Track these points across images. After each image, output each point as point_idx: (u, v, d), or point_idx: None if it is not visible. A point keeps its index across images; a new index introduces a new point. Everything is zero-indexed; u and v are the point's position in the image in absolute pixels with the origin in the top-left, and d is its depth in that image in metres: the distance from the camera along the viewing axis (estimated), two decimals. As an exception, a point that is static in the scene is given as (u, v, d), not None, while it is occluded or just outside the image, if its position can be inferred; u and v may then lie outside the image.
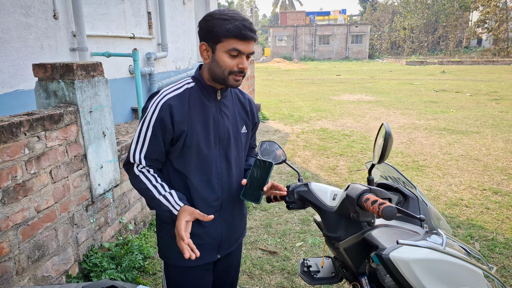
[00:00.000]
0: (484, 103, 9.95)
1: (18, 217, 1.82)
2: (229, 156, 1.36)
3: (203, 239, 1.36)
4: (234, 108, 1.40)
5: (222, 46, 1.20)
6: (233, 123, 1.37)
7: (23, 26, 2.97)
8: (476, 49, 39.11)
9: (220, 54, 1.21)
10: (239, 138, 1.40)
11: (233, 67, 1.21)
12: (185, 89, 1.29)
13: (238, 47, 1.18)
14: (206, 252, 1.37)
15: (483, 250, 2.89)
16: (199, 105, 1.29)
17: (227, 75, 1.23)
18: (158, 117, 1.24)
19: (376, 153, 1.17)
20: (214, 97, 1.32)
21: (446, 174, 4.60)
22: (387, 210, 0.94)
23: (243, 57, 1.22)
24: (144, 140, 1.27)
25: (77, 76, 2.21)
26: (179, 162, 1.31)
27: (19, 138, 1.81)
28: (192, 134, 1.27)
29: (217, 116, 1.32)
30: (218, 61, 1.22)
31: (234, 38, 1.17)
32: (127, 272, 2.42)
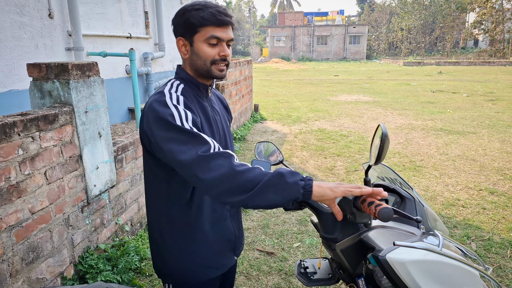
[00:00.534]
0: (481, 103, 9.99)
1: (12, 218, 1.80)
2: None
3: (221, 243, 1.29)
4: (219, 105, 1.38)
5: (199, 36, 1.14)
6: (225, 120, 1.35)
7: (18, 25, 2.95)
8: (473, 50, 39.30)
9: (199, 45, 1.15)
10: (230, 135, 1.38)
11: (214, 56, 1.15)
12: (182, 89, 1.20)
13: (216, 34, 1.13)
14: (226, 257, 1.31)
15: (480, 250, 2.89)
16: (198, 105, 1.21)
17: (209, 65, 1.17)
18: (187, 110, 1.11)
19: (373, 154, 1.16)
20: (206, 95, 1.28)
21: (443, 174, 4.60)
22: (384, 211, 0.93)
23: (223, 44, 1.16)
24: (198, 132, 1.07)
25: (72, 76, 2.19)
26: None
27: (12, 138, 1.79)
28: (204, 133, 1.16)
29: (213, 115, 1.27)
30: (198, 52, 1.16)
31: (210, 25, 1.12)
32: (123, 274, 2.40)
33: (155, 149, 1.12)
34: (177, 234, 1.24)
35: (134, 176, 3.01)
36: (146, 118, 1.12)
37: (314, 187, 1.01)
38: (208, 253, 1.27)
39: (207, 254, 1.27)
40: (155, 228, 1.28)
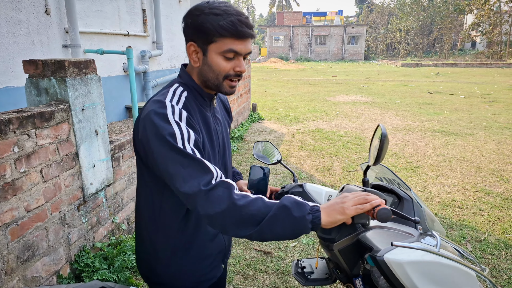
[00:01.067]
0: (478, 105, 10.03)
1: (7, 216, 1.78)
2: (227, 164, 1.25)
3: (213, 253, 1.24)
4: (222, 111, 1.29)
5: (215, 47, 1.01)
6: (224, 128, 1.25)
7: (13, 21, 2.92)
8: (470, 51, 39.49)
9: (213, 57, 1.03)
10: (229, 142, 1.29)
11: (229, 71, 1.04)
12: (185, 99, 1.08)
13: (235, 48, 1.01)
14: (217, 268, 1.27)
15: (475, 250, 2.90)
16: (201, 117, 1.11)
17: (221, 80, 1.05)
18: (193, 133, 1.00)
19: (372, 154, 1.16)
20: (210, 105, 1.16)
21: (439, 175, 4.62)
22: (382, 212, 0.93)
23: (240, 58, 1.04)
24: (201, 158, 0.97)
25: (69, 73, 2.17)
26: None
27: (8, 136, 1.77)
28: (204, 151, 1.07)
29: (215, 125, 1.17)
30: (211, 64, 1.04)
31: (229, 37, 0.99)
32: (120, 273, 2.39)
33: (151, 164, 1.03)
34: (171, 250, 1.17)
35: (131, 174, 3.00)
36: (143, 129, 1.00)
37: (323, 218, 0.94)
38: (202, 269, 1.22)
39: (201, 270, 1.22)
40: (146, 237, 1.20)
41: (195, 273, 1.21)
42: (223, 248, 1.28)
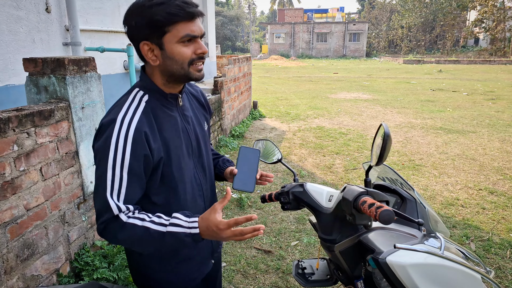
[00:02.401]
0: (481, 102, 9.97)
1: (6, 215, 1.78)
2: (204, 163, 1.21)
3: (202, 255, 1.26)
4: (193, 107, 1.22)
5: (171, 37, 0.98)
6: (197, 125, 1.20)
7: (14, 19, 2.91)
8: (473, 48, 39.23)
9: (172, 47, 0.99)
10: (205, 138, 1.25)
11: (191, 56, 1.01)
12: (145, 105, 1.05)
13: (190, 31, 0.98)
14: (202, 264, 1.27)
15: (479, 250, 2.88)
16: (165, 120, 1.07)
17: (187, 67, 1.02)
18: (133, 151, 0.98)
19: (374, 154, 1.13)
20: (175, 104, 1.12)
21: (442, 173, 4.59)
22: (385, 214, 0.91)
23: (198, 40, 1.01)
24: (120, 185, 0.98)
25: (68, 71, 2.15)
26: (159, 192, 1.10)
27: (7, 134, 1.76)
28: (169, 157, 1.06)
29: (183, 125, 1.13)
30: (173, 56, 1.00)
31: (181, 21, 0.96)
32: (120, 271, 2.38)
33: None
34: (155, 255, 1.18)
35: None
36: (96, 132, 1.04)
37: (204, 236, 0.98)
38: (190, 269, 1.24)
39: (189, 270, 1.24)
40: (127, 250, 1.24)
41: (184, 275, 1.22)
42: (209, 245, 1.28)
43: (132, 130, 0.99)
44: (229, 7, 60.89)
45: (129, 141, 0.98)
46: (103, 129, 1.01)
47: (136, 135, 0.99)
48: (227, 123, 6.17)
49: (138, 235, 0.97)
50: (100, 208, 0.99)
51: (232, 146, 5.64)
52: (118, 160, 0.97)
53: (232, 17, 49.56)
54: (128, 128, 0.99)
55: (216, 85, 5.76)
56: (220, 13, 47.45)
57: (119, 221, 0.98)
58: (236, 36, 51.42)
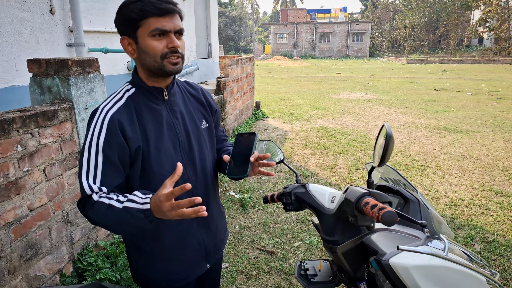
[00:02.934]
0: (485, 102, 9.91)
1: (10, 215, 1.78)
2: (194, 159, 1.20)
3: (186, 256, 1.24)
4: (187, 104, 1.23)
5: (143, 31, 1.04)
6: (190, 122, 1.21)
7: (18, 20, 2.92)
8: (477, 48, 38.99)
9: (144, 41, 1.05)
10: (201, 136, 1.24)
11: (163, 49, 1.05)
12: (127, 97, 1.12)
13: (160, 26, 1.03)
14: (193, 267, 1.27)
15: (484, 252, 2.86)
16: (147, 112, 1.12)
17: (160, 61, 1.06)
18: (107, 137, 1.04)
19: (377, 155, 1.13)
20: (161, 98, 1.16)
21: (446, 174, 4.56)
22: (387, 215, 0.90)
23: (171, 35, 1.05)
24: (96, 168, 1.04)
25: (72, 72, 2.16)
26: (141, 183, 1.12)
27: (11, 135, 1.77)
28: (149, 147, 1.09)
29: (170, 119, 1.16)
30: (145, 49, 1.06)
31: (151, 16, 1.03)
32: (122, 271, 2.38)
33: None
34: (139, 251, 1.23)
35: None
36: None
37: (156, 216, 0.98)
38: (172, 268, 1.24)
39: (171, 269, 1.24)
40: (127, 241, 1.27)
41: (165, 273, 1.24)
42: (201, 247, 1.27)
43: (108, 118, 1.06)
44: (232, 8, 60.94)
45: (104, 128, 1.05)
46: (90, 117, 1.10)
47: (110, 122, 1.06)
48: (230, 123, 6.17)
49: (103, 212, 1.01)
50: (80, 189, 1.08)
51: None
52: (93, 145, 1.05)
53: (235, 17, 49.60)
54: (104, 116, 1.07)
55: (219, 86, 5.76)
56: (223, 14, 47.50)
57: (91, 200, 1.04)
58: (239, 36, 51.45)
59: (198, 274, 1.29)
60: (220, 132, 1.42)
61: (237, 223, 3.38)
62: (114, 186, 1.07)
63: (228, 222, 3.39)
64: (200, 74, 7.01)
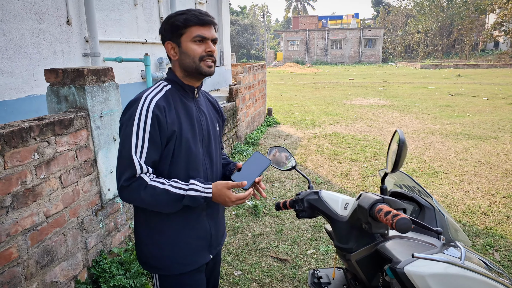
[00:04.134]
0: (502, 107, 9.68)
1: (27, 222, 1.82)
2: (212, 153, 1.39)
3: (193, 240, 1.36)
4: (208, 107, 1.44)
5: (186, 37, 1.25)
6: (210, 121, 1.41)
7: (37, 32, 3.02)
8: (493, 52, 38.23)
9: (186, 45, 1.26)
10: (216, 136, 1.43)
11: (201, 53, 1.26)
12: (166, 91, 1.29)
13: (201, 33, 1.24)
14: (198, 254, 1.38)
15: (504, 260, 2.77)
16: (181, 106, 1.30)
17: (198, 62, 1.26)
18: (153, 120, 1.20)
19: (390, 161, 1.11)
20: (192, 96, 1.36)
21: (462, 180, 4.46)
22: (402, 222, 0.88)
23: (208, 42, 1.27)
24: (142, 147, 1.20)
25: (87, 81, 2.21)
26: (170, 164, 1.28)
27: (29, 143, 1.81)
28: (181, 134, 1.26)
29: (198, 115, 1.35)
30: (186, 51, 1.26)
31: (194, 25, 1.24)
32: (136, 278, 2.40)
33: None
34: (149, 232, 1.35)
35: (147, 180, 3.02)
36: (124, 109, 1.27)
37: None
38: (179, 251, 1.34)
39: (177, 253, 1.34)
40: (135, 222, 1.40)
41: (171, 257, 1.34)
42: (207, 236, 1.40)
43: (153, 104, 1.22)
44: (244, 16, 61.54)
45: (150, 112, 1.21)
46: (130, 105, 1.25)
47: (156, 108, 1.22)
48: (242, 130, 6.19)
49: (157, 194, 1.19)
50: (124, 166, 1.20)
51: (247, 153, 5.65)
52: (141, 127, 1.20)
53: (247, 25, 50.05)
54: (150, 103, 1.22)
55: (231, 93, 5.80)
56: (235, 22, 48.00)
57: (142, 181, 1.19)
58: (251, 44, 51.83)
59: (201, 263, 1.39)
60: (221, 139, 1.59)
61: (249, 230, 3.37)
62: (152, 162, 1.23)
63: (241, 229, 3.38)
64: (212, 81, 7.08)
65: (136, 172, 1.19)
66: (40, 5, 3.03)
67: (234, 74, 9.08)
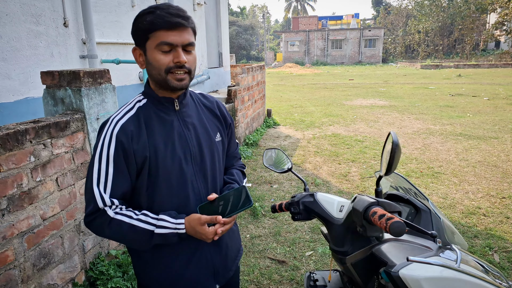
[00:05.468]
0: (503, 107, 9.66)
1: (23, 225, 1.82)
2: (206, 171, 1.19)
3: (190, 273, 1.19)
4: (200, 116, 1.22)
5: (150, 43, 1.04)
6: (203, 133, 1.19)
7: (34, 34, 3.02)
8: (494, 52, 38.19)
9: (151, 53, 1.05)
10: (214, 148, 1.22)
11: (168, 63, 1.04)
12: (137, 108, 1.13)
13: (167, 39, 1.02)
14: (199, 284, 1.21)
15: (503, 262, 2.75)
16: (157, 123, 1.12)
17: (164, 75, 1.06)
18: (117, 147, 1.06)
19: (384, 164, 1.10)
20: (172, 109, 1.15)
21: (462, 181, 4.44)
22: (395, 226, 0.87)
23: (178, 49, 1.04)
24: (106, 177, 1.06)
25: (84, 83, 2.21)
26: (148, 196, 1.12)
27: (24, 145, 1.81)
28: (157, 158, 1.09)
29: (181, 129, 1.15)
30: (151, 61, 1.06)
31: (160, 29, 1.01)
32: (134, 281, 2.39)
33: None
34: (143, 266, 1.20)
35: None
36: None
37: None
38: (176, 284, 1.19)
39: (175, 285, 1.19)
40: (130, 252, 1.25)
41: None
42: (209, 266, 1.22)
43: (117, 128, 1.08)
44: (243, 17, 61.60)
45: (113, 138, 1.07)
46: (99, 130, 1.13)
47: (120, 133, 1.07)
48: (241, 131, 6.19)
49: (124, 231, 1.05)
50: (87, 199, 1.08)
51: (246, 155, 5.64)
52: (104, 155, 1.06)
53: (246, 26, 50.10)
54: (114, 127, 1.08)
55: (230, 94, 5.80)
56: (235, 23, 48.04)
57: (106, 216, 1.06)
58: (251, 45, 51.87)
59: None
60: (233, 147, 1.38)
61: (248, 231, 3.36)
62: (121, 196, 1.09)
63: (239, 231, 3.37)
64: (211, 83, 7.08)
65: (98, 206, 1.05)
66: (37, 7, 3.03)
67: (233, 75, 9.07)
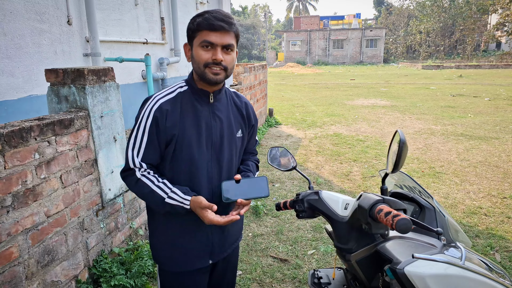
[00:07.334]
0: (504, 108, 9.65)
1: (28, 222, 1.82)
2: (221, 160, 1.35)
3: (191, 244, 1.37)
4: (228, 111, 1.38)
5: (196, 41, 1.23)
6: (227, 127, 1.36)
7: (37, 32, 3.02)
8: (495, 52, 38.14)
9: (195, 49, 1.24)
10: (233, 142, 1.38)
11: (207, 60, 1.21)
12: (178, 92, 1.30)
13: (209, 39, 1.19)
14: (195, 258, 1.39)
15: (504, 261, 2.76)
16: (191, 109, 1.29)
17: (203, 69, 1.23)
18: (152, 121, 1.24)
19: (390, 162, 1.11)
20: (207, 101, 1.32)
21: (464, 181, 4.45)
22: (402, 223, 0.88)
23: (217, 48, 1.21)
24: (140, 145, 1.27)
25: (88, 81, 2.22)
26: (170, 167, 1.31)
27: (29, 143, 1.81)
28: (183, 138, 1.26)
29: (209, 120, 1.31)
30: (194, 55, 1.24)
31: (204, 30, 1.20)
32: (137, 278, 2.40)
33: None
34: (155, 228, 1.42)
35: (148, 180, 3.02)
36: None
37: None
38: (175, 253, 1.38)
39: (174, 253, 1.38)
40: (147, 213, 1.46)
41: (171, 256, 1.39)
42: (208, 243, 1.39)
43: (156, 106, 1.25)
44: (245, 16, 61.56)
45: (151, 114, 1.25)
46: (142, 104, 1.30)
47: (157, 111, 1.25)
48: (243, 130, 6.19)
49: (145, 193, 1.27)
50: (125, 158, 1.30)
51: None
52: (141, 126, 1.26)
53: (248, 26, 50.07)
54: (154, 104, 1.26)
55: (232, 93, 5.79)
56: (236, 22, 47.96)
57: (134, 176, 1.28)
58: (252, 44, 51.85)
59: (198, 266, 1.40)
60: (252, 144, 1.56)
61: (250, 230, 3.36)
62: (150, 160, 1.28)
63: (241, 229, 3.38)
64: (213, 82, 7.06)
65: (129, 166, 1.28)
66: (41, 4, 3.04)
67: (235, 74, 9.06)
